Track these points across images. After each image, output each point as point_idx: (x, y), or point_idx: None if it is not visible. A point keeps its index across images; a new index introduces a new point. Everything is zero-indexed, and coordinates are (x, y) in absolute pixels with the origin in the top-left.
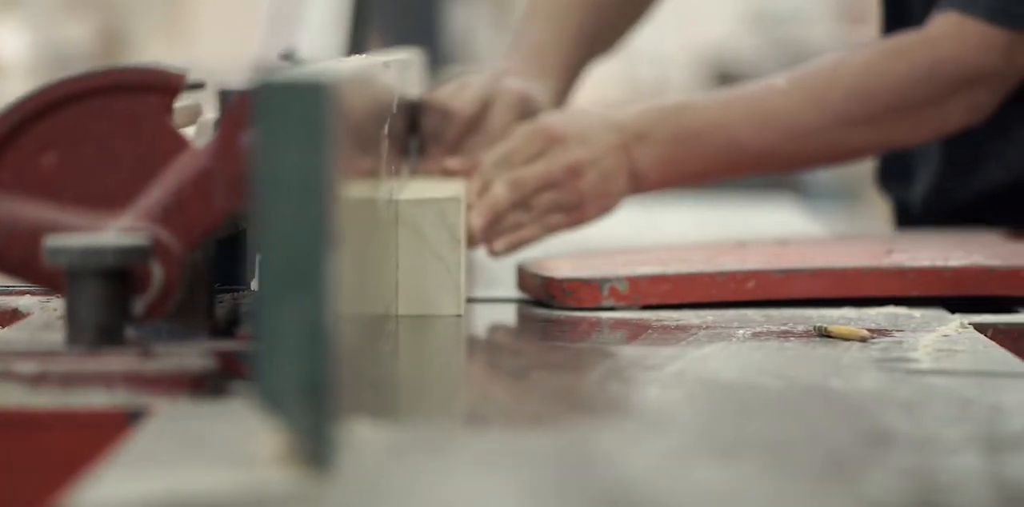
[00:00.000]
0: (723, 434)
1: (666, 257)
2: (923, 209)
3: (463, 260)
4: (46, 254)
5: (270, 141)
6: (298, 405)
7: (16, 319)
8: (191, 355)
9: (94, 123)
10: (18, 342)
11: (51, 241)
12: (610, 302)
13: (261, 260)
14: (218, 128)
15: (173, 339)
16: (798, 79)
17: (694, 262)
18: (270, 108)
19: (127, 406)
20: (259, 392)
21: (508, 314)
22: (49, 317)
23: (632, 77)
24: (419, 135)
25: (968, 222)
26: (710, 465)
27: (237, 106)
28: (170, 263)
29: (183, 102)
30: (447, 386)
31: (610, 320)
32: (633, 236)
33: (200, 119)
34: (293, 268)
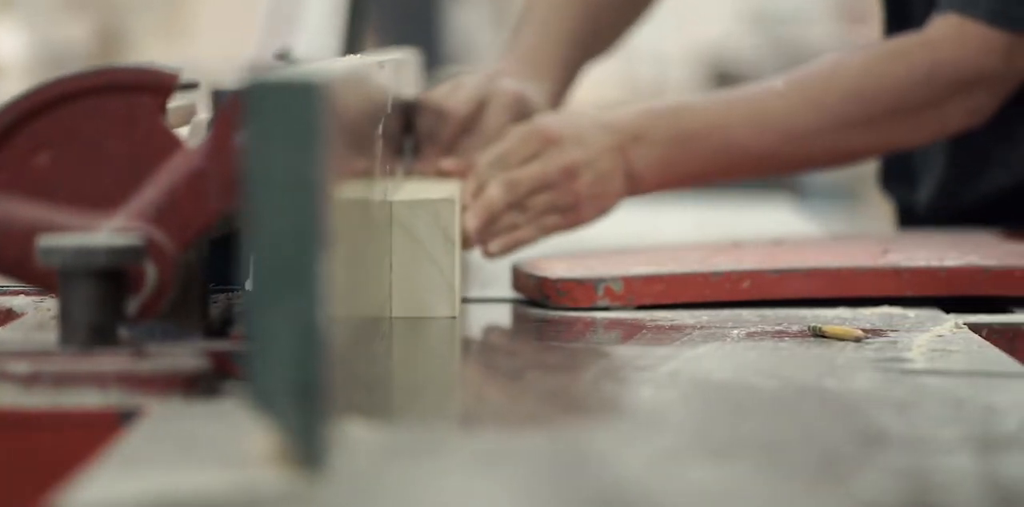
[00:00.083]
0: (717, 434)
1: (661, 257)
2: (928, 212)
3: (457, 262)
4: (39, 254)
5: (262, 141)
6: (290, 405)
7: (10, 319)
8: (184, 355)
9: (87, 123)
10: (11, 342)
11: (44, 241)
12: (605, 302)
13: (253, 260)
14: (211, 128)
15: (167, 339)
16: (796, 81)
17: (689, 262)
18: (262, 108)
19: (120, 406)
20: (251, 392)
21: (503, 314)
22: (43, 317)
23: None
24: (414, 135)
25: (973, 225)
26: (704, 465)
27: (230, 106)
28: (164, 263)
29: (178, 102)
30: (441, 386)
31: (605, 320)
32: (630, 237)
33: (194, 119)
34: (285, 268)
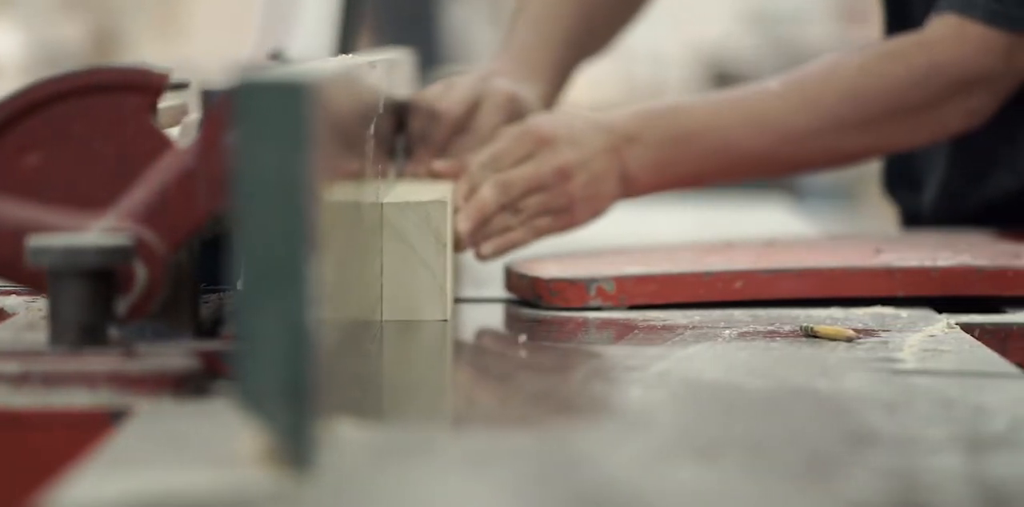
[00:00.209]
0: (706, 434)
1: (653, 257)
2: (932, 216)
3: (449, 265)
4: (28, 254)
5: (250, 141)
6: (279, 405)
7: (1, 319)
8: (174, 355)
9: (77, 123)
10: (1, 342)
11: (33, 241)
12: (597, 302)
13: (242, 261)
14: (201, 128)
15: (157, 339)
16: (793, 81)
17: (681, 262)
18: (250, 108)
19: (110, 406)
20: (240, 392)
21: (495, 314)
22: (33, 317)
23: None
24: (406, 136)
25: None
26: (692, 465)
27: (220, 106)
28: (154, 263)
29: (169, 102)
30: (431, 387)
31: (597, 320)
32: (626, 237)
33: (185, 119)
34: (274, 269)
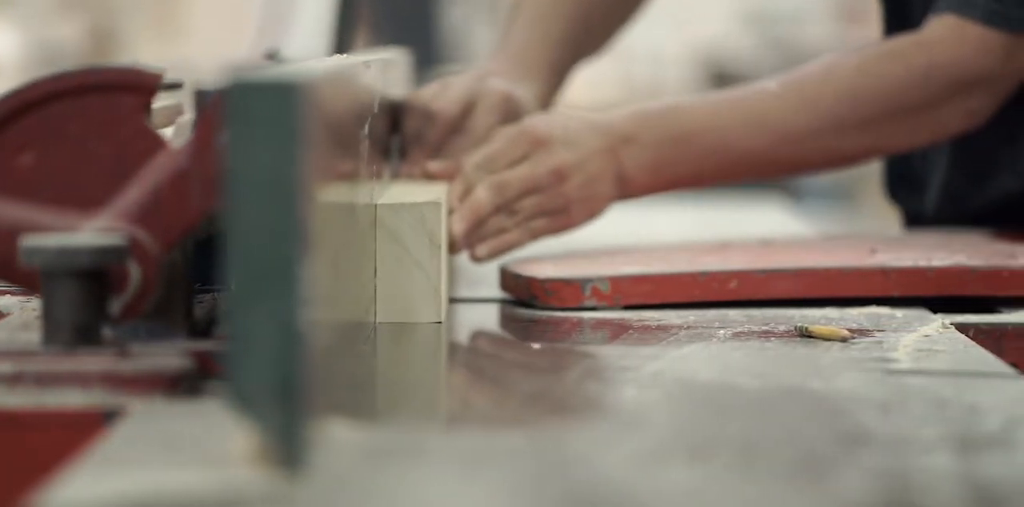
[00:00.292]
0: (698, 434)
1: (648, 257)
2: (935, 217)
3: (444, 266)
4: (22, 254)
5: (242, 141)
6: (271, 405)
7: None
8: (168, 355)
9: (71, 123)
10: None
11: (27, 241)
12: (592, 302)
13: (233, 260)
14: (195, 128)
15: (151, 339)
16: (791, 82)
17: (676, 262)
18: (243, 108)
19: (103, 406)
20: (232, 392)
21: (490, 314)
22: (28, 317)
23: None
24: (400, 137)
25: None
26: (684, 465)
27: (213, 106)
28: (147, 263)
29: (164, 102)
30: (425, 387)
31: (592, 320)
32: (623, 238)
33: (179, 119)
34: (266, 268)
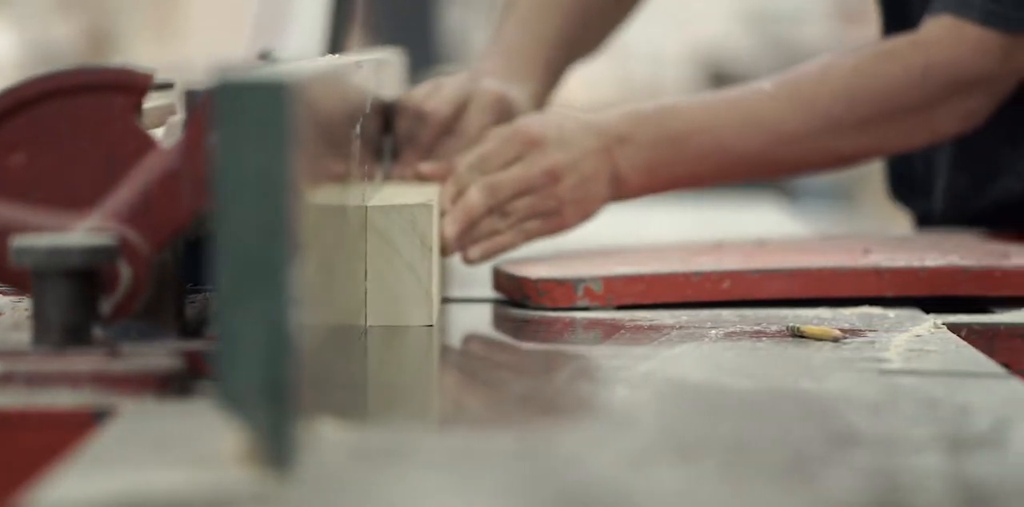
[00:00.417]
0: (688, 434)
1: (641, 257)
2: (942, 219)
3: (435, 269)
4: (12, 254)
5: (231, 141)
6: (259, 405)
7: None
8: (158, 355)
9: (61, 123)
10: None
11: (17, 241)
12: (584, 302)
13: (222, 260)
14: (185, 128)
15: (142, 339)
16: (787, 82)
17: (669, 262)
18: (231, 108)
19: (93, 406)
20: (220, 392)
21: (483, 314)
22: (19, 317)
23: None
24: (393, 138)
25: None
26: (674, 465)
27: (203, 106)
28: (138, 263)
29: (156, 102)
30: (416, 387)
31: (584, 320)
32: (621, 238)
33: (170, 119)
34: (254, 268)
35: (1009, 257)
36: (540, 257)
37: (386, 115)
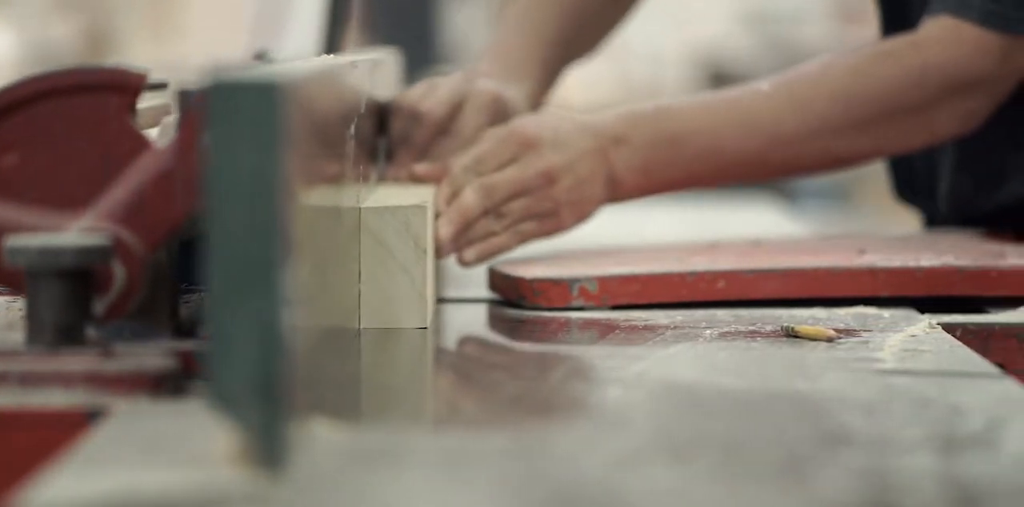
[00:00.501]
0: (681, 434)
1: (637, 257)
2: (948, 221)
3: (430, 271)
4: (6, 254)
5: (223, 141)
6: (251, 405)
7: None
8: (152, 355)
9: (55, 123)
10: None
11: (10, 241)
12: (580, 302)
13: (214, 260)
14: (179, 128)
15: (136, 339)
16: (784, 83)
17: (664, 262)
18: (223, 108)
19: (86, 406)
20: (213, 392)
21: (478, 314)
22: (13, 317)
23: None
24: (387, 139)
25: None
26: (667, 465)
27: (197, 106)
28: (132, 263)
29: (151, 102)
30: (410, 387)
31: (579, 320)
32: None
33: (164, 119)
34: (246, 268)
35: (1005, 257)
36: (535, 257)
37: (381, 116)
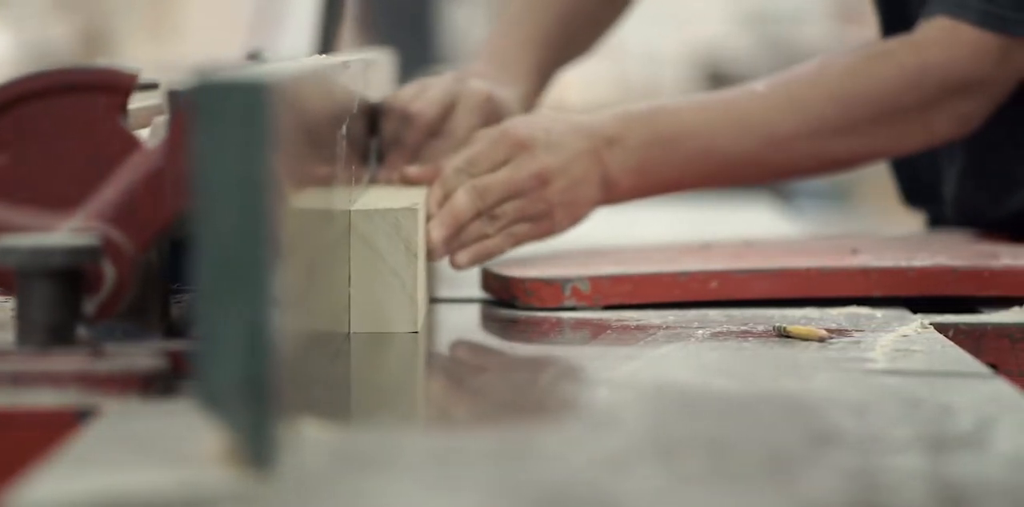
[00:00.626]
0: (670, 434)
1: (629, 257)
2: (955, 225)
3: (421, 274)
4: None
5: (210, 141)
6: (238, 405)
7: None
8: (142, 355)
9: (45, 123)
10: None
11: (1, 242)
12: (572, 302)
13: (202, 260)
14: (168, 128)
15: (127, 339)
16: (779, 83)
17: (657, 262)
18: (210, 108)
19: (77, 406)
20: (201, 392)
21: (471, 314)
22: (4, 317)
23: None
24: (379, 140)
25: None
26: (654, 465)
27: (186, 106)
28: (122, 263)
29: (144, 102)
30: (399, 388)
31: (571, 320)
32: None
33: (155, 119)
34: (233, 268)
35: (998, 257)
36: (528, 257)
37: (373, 117)
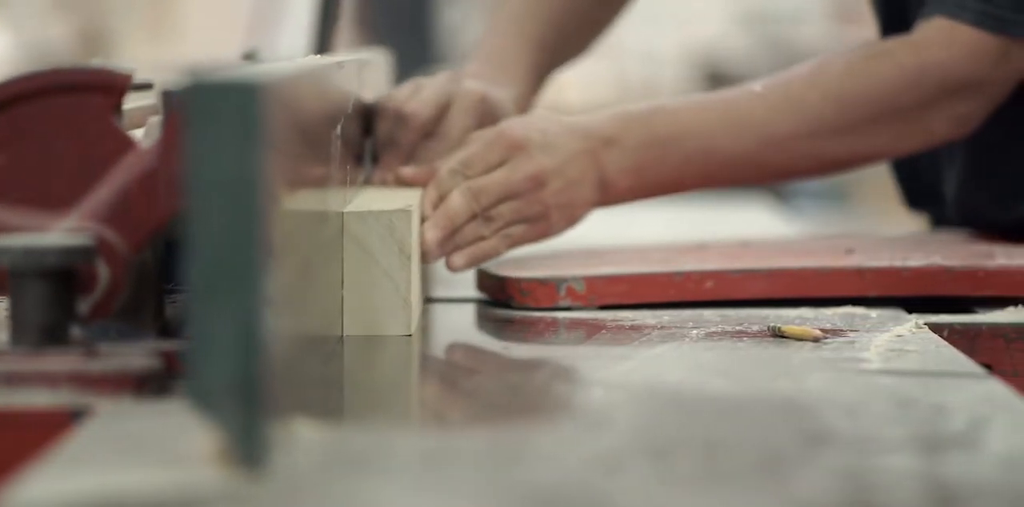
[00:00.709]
0: (663, 435)
1: (624, 257)
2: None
3: (415, 277)
4: None
5: (202, 141)
6: (230, 405)
7: None
8: (136, 355)
9: (39, 123)
10: None
11: None
12: (567, 302)
13: (194, 260)
14: (162, 129)
15: (121, 339)
16: (777, 83)
17: (652, 262)
18: (202, 108)
19: (70, 406)
20: (193, 392)
21: (466, 314)
22: None
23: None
24: (373, 141)
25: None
26: (646, 466)
27: (180, 106)
28: (116, 263)
29: (139, 102)
30: (393, 387)
31: (566, 320)
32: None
33: (149, 119)
34: (226, 269)
35: (993, 257)
36: (523, 257)
37: (368, 117)
